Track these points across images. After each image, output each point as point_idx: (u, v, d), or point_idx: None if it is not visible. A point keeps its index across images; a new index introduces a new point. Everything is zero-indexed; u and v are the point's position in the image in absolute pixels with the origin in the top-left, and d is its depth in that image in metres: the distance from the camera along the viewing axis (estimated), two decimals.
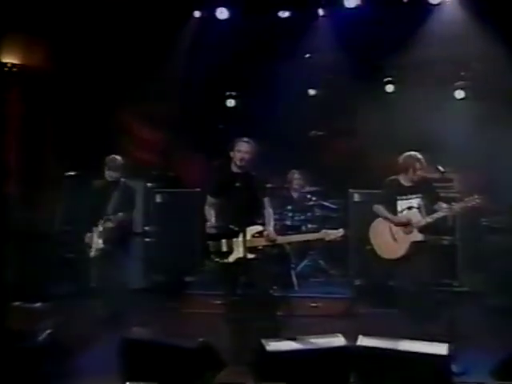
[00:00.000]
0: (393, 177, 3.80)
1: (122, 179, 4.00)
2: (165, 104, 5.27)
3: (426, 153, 3.73)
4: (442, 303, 3.64)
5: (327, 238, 3.31)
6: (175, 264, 4.95)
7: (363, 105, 5.12)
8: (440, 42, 4.75)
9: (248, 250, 3.21)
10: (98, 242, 3.88)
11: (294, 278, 4.55)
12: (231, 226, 3.30)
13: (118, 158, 3.99)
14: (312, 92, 5.70)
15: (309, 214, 4.91)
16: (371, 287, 4.65)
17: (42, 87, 4.97)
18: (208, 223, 3.37)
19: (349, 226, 4.63)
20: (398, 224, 3.70)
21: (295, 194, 5.07)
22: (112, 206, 3.90)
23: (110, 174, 3.96)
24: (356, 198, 4.87)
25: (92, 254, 3.88)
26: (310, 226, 4.85)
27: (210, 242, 3.33)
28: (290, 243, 4.14)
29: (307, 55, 5.37)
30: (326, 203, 5.11)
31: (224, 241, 3.35)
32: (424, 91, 4.97)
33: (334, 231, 3.32)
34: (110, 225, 3.85)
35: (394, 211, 3.74)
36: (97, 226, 3.92)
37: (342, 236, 3.32)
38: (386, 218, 3.75)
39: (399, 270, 3.73)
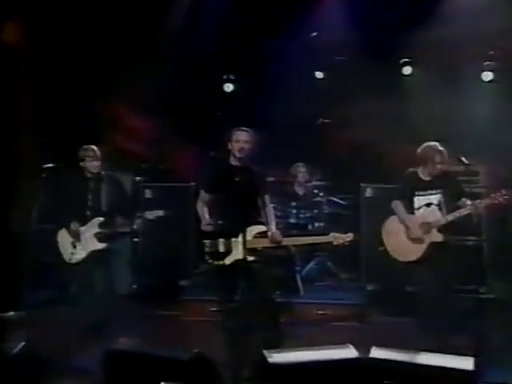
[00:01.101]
0: (411, 169, 3.78)
1: (103, 172, 3.98)
2: (155, 89, 5.26)
3: (447, 143, 3.72)
4: (467, 312, 3.65)
5: (335, 242, 3.34)
6: (166, 267, 4.97)
7: (377, 89, 5.10)
8: (465, 17, 4.70)
9: (248, 251, 3.23)
10: (90, 244, 3.88)
11: (299, 282, 4.58)
12: (230, 225, 3.31)
13: (95, 148, 3.95)
14: (319, 75, 5.69)
15: (315, 211, 4.92)
16: (385, 293, 4.67)
17: (17, 68, 4.95)
18: (203, 220, 3.38)
19: (360, 225, 4.70)
20: (416, 223, 3.67)
21: (300, 190, 5.09)
22: (103, 202, 3.89)
23: (90, 167, 3.93)
24: (368, 193, 4.87)
25: (79, 257, 3.87)
26: (317, 224, 4.89)
27: (205, 242, 3.34)
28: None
29: (314, 33, 5.34)
30: (334, 199, 5.14)
31: (221, 240, 3.35)
32: (446, 73, 4.97)
33: (343, 235, 3.34)
34: (104, 224, 3.86)
35: (411, 208, 3.71)
36: (78, 224, 3.90)
37: (350, 241, 3.33)
38: (402, 217, 3.72)
39: (417, 273, 3.73)
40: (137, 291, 4.90)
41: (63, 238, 3.93)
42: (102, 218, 3.87)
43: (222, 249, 3.33)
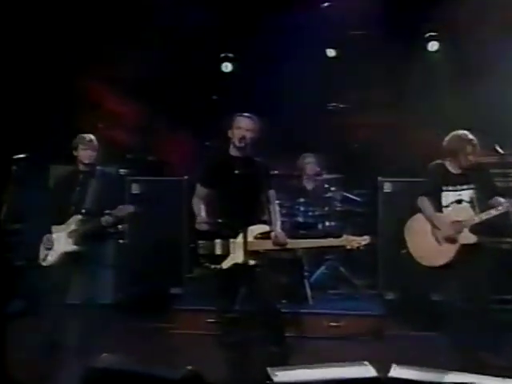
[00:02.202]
0: (437, 161, 3.76)
1: (98, 167, 3.98)
2: (142, 68, 5.24)
3: (480, 131, 3.70)
4: (503, 325, 3.60)
5: (348, 246, 3.32)
6: (156, 272, 4.95)
7: (398, 68, 5.06)
8: None
9: (249, 253, 3.21)
10: (63, 245, 3.84)
11: (308, 290, 4.56)
12: (229, 224, 3.31)
13: (92, 137, 3.94)
14: (332, 53, 5.65)
15: (326, 208, 4.89)
16: (407, 303, 4.66)
17: None
18: (199, 218, 3.38)
19: (378, 224, 4.68)
20: (444, 223, 3.64)
21: (309, 184, 5.07)
22: (89, 198, 3.86)
23: (83, 156, 3.89)
24: (387, 188, 4.84)
25: (51, 259, 3.86)
26: (328, 223, 4.85)
27: (200, 242, 3.34)
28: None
29: (325, 4, 5.28)
30: (348, 195, 5.09)
31: (219, 241, 3.35)
32: (479, 49, 4.87)
33: (357, 238, 3.32)
34: (83, 222, 3.82)
35: (438, 205, 3.70)
36: (60, 224, 3.88)
37: (366, 245, 3.32)
38: (429, 215, 3.69)
39: (444, 280, 3.72)
40: (122, 300, 4.89)
41: (47, 240, 3.93)
42: (80, 216, 3.85)
43: (219, 251, 3.33)
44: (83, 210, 3.84)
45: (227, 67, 5.90)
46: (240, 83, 5.54)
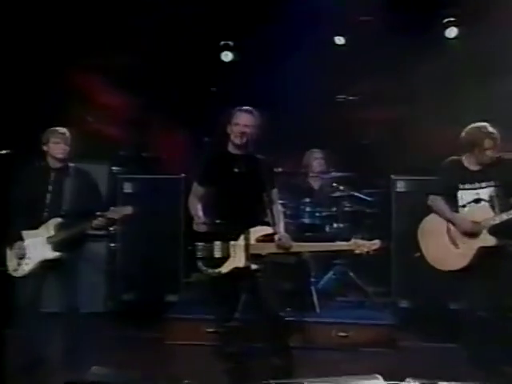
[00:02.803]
0: (453, 157, 3.73)
1: (72, 164, 3.87)
2: (135, 58, 5.22)
3: (500, 124, 3.66)
4: None
5: (357, 251, 3.32)
6: (150, 278, 4.92)
7: (413, 57, 5.01)
8: None
9: (251, 257, 3.23)
10: (41, 252, 3.73)
11: (315, 297, 4.53)
12: (229, 225, 3.32)
13: (64, 130, 3.81)
14: (340, 40, 5.63)
15: (334, 208, 4.87)
16: (422, 311, 4.63)
17: None
18: (196, 219, 3.37)
19: (390, 226, 4.64)
20: (462, 223, 3.62)
21: (316, 182, 5.06)
22: (66, 199, 3.76)
23: (55, 151, 3.77)
24: (400, 186, 4.81)
25: (27, 269, 3.72)
26: (336, 225, 4.83)
27: (198, 245, 3.33)
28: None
29: None
30: (358, 194, 5.04)
31: (218, 243, 3.34)
32: (502, 35, 4.75)
33: (367, 242, 3.32)
34: (63, 226, 3.72)
35: (455, 205, 3.69)
36: (33, 229, 3.75)
37: (376, 250, 3.31)
38: (445, 215, 3.68)
39: (462, 286, 3.69)
40: (113, 309, 4.88)
41: (18, 246, 3.78)
42: (59, 219, 3.73)
43: (218, 254, 3.33)
44: (62, 213, 3.73)
45: (227, 56, 5.89)
46: (241, 73, 5.49)
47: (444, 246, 3.69)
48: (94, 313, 4.45)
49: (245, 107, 3.40)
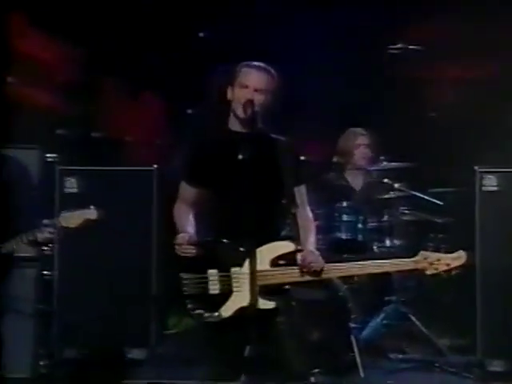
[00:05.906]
0: None
1: None
2: None
3: None
4: None
5: (429, 271, 2.68)
6: (106, 324, 4.12)
7: None
8: None
9: (262, 291, 2.66)
10: None
11: (357, 353, 3.68)
12: (230, 243, 2.82)
13: None
14: None
15: (386, 217, 4.12)
16: None
17: None
18: (183, 237, 2.79)
19: (474, 243, 3.76)
20: None
21: (358, 178, 4.32)
22: None
23: None
24: (490, 183, 3.86)
25: None
26: (388, 241, 4.10)
27: (183, 276, 2.80)
28: (348, 277, 3.54)
29: None
30: (422, 195, 4.24)
31: (214, 272, 2.81)
32: None
33: (445, 255, 2.69)
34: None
35: None
36: None
37: (461, 267, 2.64)
38: None
39: None
40: (48, 372, 4.06)
41: None
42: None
43: (214, 289, 2.78)
44: None
45: None
46: (245, 8, 4.45)
47: None
48: (18, 379, 3.70)
49: (255, 62, 2.82)
